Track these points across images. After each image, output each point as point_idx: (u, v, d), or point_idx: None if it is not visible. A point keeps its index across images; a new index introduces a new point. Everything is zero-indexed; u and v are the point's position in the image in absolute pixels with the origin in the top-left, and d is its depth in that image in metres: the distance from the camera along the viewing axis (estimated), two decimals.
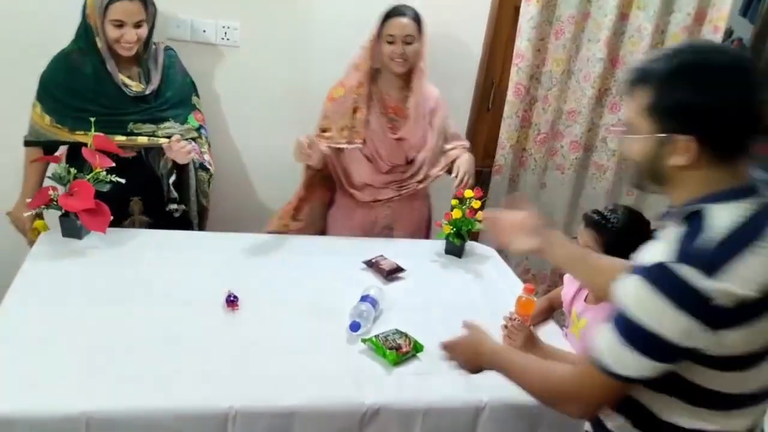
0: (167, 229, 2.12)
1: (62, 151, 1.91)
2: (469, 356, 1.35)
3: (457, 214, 2.13)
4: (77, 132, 1.99)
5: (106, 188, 1.90)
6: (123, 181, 1.98)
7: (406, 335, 1.62)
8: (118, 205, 2.00)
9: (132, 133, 2.03)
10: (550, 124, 2.79)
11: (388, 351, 1.56)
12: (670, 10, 2.63)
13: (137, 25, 1.94)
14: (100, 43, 1.94)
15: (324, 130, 2.27)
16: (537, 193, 2.93)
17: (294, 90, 2.60)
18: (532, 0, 2.51)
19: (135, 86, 2.03)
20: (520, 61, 2.61)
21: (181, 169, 2.17)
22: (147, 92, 2.04)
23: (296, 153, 2.06)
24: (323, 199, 2.42)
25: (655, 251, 1.02)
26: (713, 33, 2.67)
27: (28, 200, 1.91)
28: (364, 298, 1.74)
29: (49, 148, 2.06)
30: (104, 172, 1.89)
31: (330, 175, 2.33)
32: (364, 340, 1.60)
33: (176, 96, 2.13)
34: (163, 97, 2.09)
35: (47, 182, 1.89)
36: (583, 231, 1.70)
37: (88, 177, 1.87)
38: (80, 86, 1.98)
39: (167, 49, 2.16)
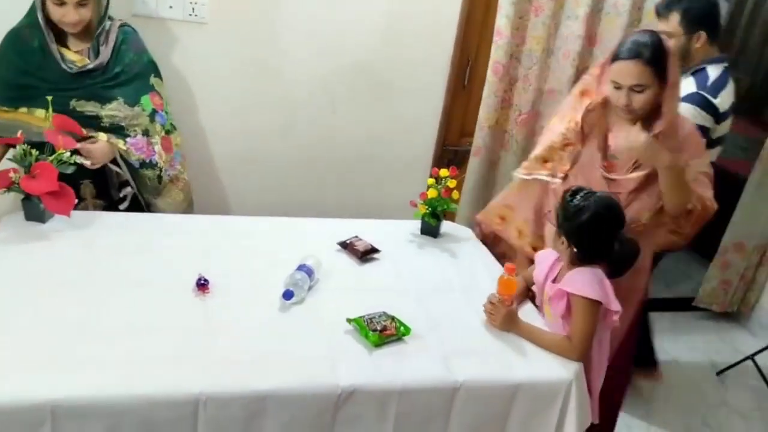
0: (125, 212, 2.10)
1: (22, 132, 1.85)
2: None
3: (432, 193, 2.10)
4: (20, 110, 1.94)
5: (70, 170, 1.85)
6: (88, 162, 1.93)
7: (394, 318, 1.61)
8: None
9: (74, 111, 1.97)
10: (531, 104, 2.76)
11: (371, 333, 1.54)
12: None
13: (80, 4, 1.89)
14: (40, 18, 1.90)
15: (545, 161, 2.01)
16: None
17: (265, 70, 2.55)
18: None
19: (79, 61, 1.97)
20: (500, 38, 2.57)
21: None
22: (90, 66, 1.98)
23: None
24: None
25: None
26: None
27: None
28: (300, 267, 1.73)
29: None
30: (68, 154, 1.83)
31: None
32: (349, 320, 1.59)
33: (125, 74, 2.06)
34: (109, 73, 2.02)
35: (8, 164, 1.83)
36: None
37: (50, 159, 1.81)
38: (27, 62, 1.94)
39: (123, 25, 2.09)
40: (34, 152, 1.82)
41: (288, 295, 1.64)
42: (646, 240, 1.84)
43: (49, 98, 1.86)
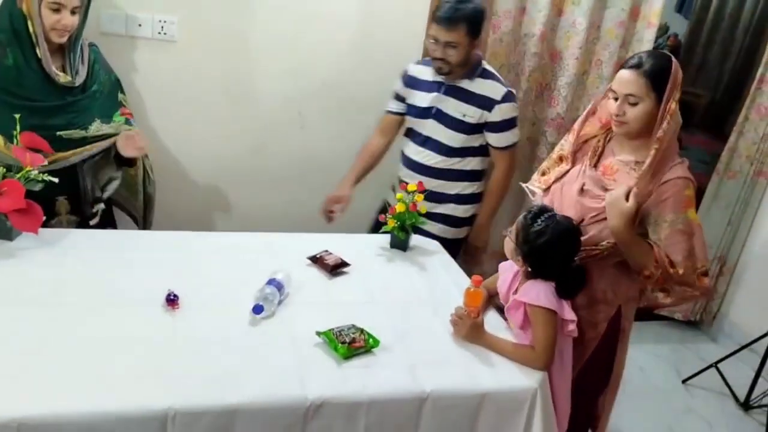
0: (95, 228, 2.10)
1: None
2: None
3: (400, 207, 2.14)
4: None
5: (38, 187, 1.84)
6: (56, 180, 1.92)
7: (363, 330, 1.63)
8: (44, 205, 1.94)
9: (62, 139, 1.99)
10: None
11: (339, 345, 1.56)
12: (605, 5, 2.71)
13: (72, 11, 1.92)
14: (34, 28, 1.89)
15: (543, 173, 2.02)
16: None
17: (235, 87, 2.57)
18: None
19: (62, 77, 1.99)
20: None
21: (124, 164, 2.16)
22: (76, 84, 2.01)
23: None
24: None
25: None
26: (647, 29, 2.75)
27: None
28: (270, 282, 1.75)
29: None
30: (35, 171, 1.83)
31: None
32: (318, 333, 1.60)
33: (100, 92, 2.11)
34: (88, 91, 2.07)
35: None
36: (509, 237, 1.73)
37: (18, 176, 1.81)
38: (0, 79, 1.92)
39: (91, 44, 2.13)
40: (1, 169, 1.81)
41: (258, 309, 1.65)
42: (603, 270, 1.84)
43: (17, 115, 1.86)
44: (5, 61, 1.91)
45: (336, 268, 1.98)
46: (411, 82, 2.40)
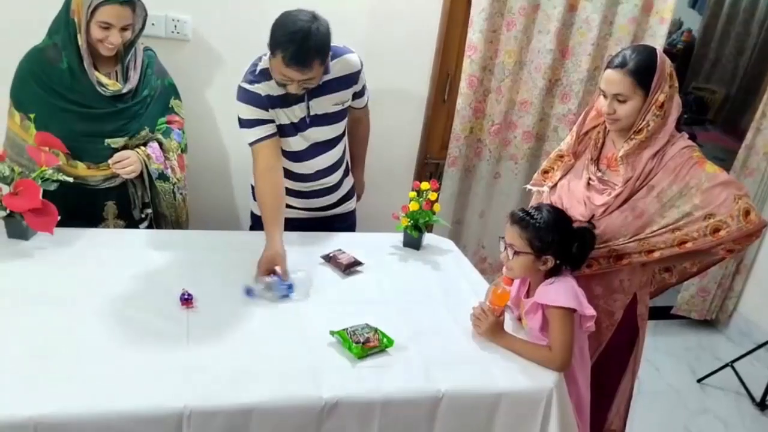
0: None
1: (3, 149, 1.85)
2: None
3: (414, 206, 2.13)
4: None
5: (52, 187, 1.86)
6: (71, 179, 1.93)
7: (377, 330, 1.63)
8: (93, 209, 1.96)
9: (110, 148, 2.01)
10: (503, 115, 2.82)
11: (354, 344, 1.56)
12: (617, 1, 2.68)
13: (124, 28, 1.91)
14: (80, 41, 1.89)
15: (546, 172, 2.04)
16: (491, 183, 2.97)
17: None
18: None
19: (111, 85, 1.98)
20: (473, 53, 2.63)
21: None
22: (124, 91, 2.00)
23: None
24: None
25: None
26: (660, 24, 2.73)
27: None
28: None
29: None
30: (50, 171, 1.84)
31: None
32: (332, 333, 1.60)
33: (151, 97, 2.10)
34: (139, 97, 2.06)
35: None
36: (509, 228, 1.71)
37: (33, 176, 1.82)
38: (55, 81, 1.93)
39: (146, 49, 2.13)
40: (17, 169, 1.83)
41: (249, 292, 1.73)
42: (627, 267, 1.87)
43: (32, 115, 1.86)
44: (60, 65, 1.91)
45: (349, 267, 1.98)
46: (273, 102, 2.02)
